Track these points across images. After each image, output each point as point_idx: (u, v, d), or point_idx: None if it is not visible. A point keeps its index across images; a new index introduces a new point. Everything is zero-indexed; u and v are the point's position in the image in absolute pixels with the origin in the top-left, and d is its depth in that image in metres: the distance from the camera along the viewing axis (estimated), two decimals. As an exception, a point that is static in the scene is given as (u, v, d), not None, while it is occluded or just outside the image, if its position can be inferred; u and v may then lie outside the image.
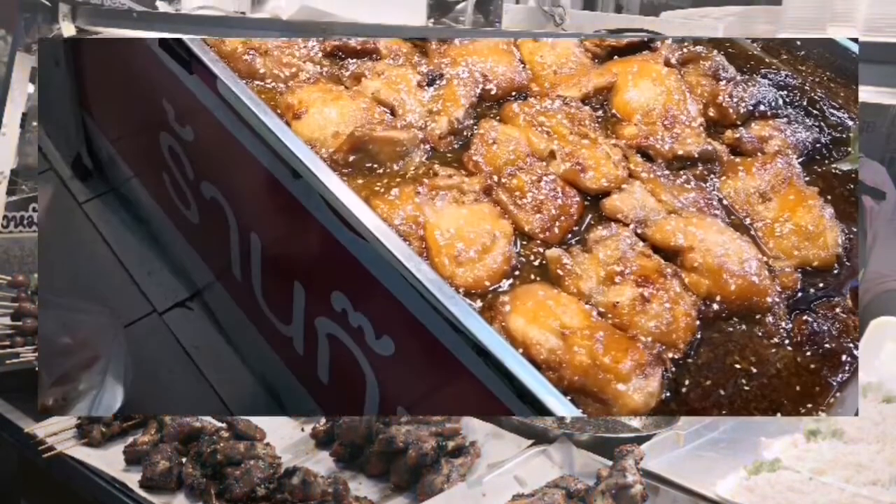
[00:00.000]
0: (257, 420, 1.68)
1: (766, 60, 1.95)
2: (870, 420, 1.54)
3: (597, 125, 1.71)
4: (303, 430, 1.75)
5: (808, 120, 1.79)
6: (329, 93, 1.68)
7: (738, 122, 1.75)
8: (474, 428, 1.65)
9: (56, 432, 1.71)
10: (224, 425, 1.67)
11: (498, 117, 1.71)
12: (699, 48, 1.89)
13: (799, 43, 1.95)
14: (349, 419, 1.62)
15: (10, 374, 1.92)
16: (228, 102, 1.66)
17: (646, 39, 1.89)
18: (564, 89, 1.78)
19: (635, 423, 1.70)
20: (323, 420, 1.71)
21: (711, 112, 1.76)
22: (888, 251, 2.11)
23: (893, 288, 2.06)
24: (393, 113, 1.68)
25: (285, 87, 1.72)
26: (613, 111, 1.77)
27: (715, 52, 1.89)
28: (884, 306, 1.91)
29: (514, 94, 1.78)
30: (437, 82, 1.73)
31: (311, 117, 1.63)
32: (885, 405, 1.58)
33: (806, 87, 1.88)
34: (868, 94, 1.48)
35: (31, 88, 2.48)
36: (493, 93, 1.76)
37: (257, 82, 1.73)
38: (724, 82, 1.80)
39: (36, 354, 1.90)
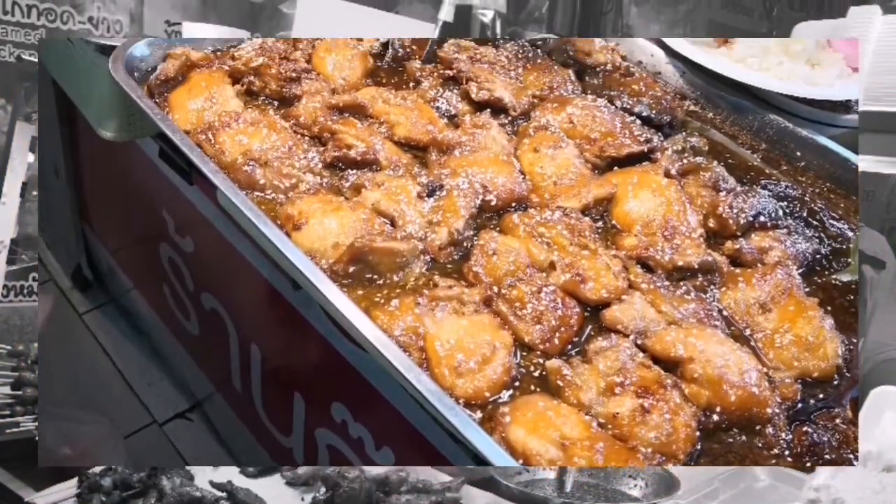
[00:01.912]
0: (257, 489, 1.79)
1: (766, 171, 2.16)
2: (870, 489, 1.66)
3: (597, 236, 1.89)
4: (302, 499, 1.86)
5: (808, 231, 1.97)
6: (329, 203, 1.85)
7: (738, 233, 1.93)
8: (474, 497, 1.76)
9: (56, 502, 1.83)
10: (224, 494, 1.79)
11: (498, 228, 1.89)
12: (699, 159, 2.10)
13: (799, 154, 2.17)
14: (349, 488, 1.73)
15: (9, 444, 2.05)
16: (228, 213, 1.85)
17: (645, 150, 2.10)
18: (564, 200, 1.97)
19: (635, 492, 1.83)
20: (323, 489, 1.83)
21: (711, 223, 1.95)
22: (888, 320, 2.25)
23: (893, 357, 2.20)
24: (393, 224, 1.85)
25: (285, 198, 1.89)
26: (613, 222, 1.95)
27: (715, 162, 2.09)
28: (884, 375, 2.05)
29: (514, 204, 1.96)
30: (437, 193, 1.91)
31: (311, 228, 1.80)
32: (885, 474, 1.70)
33: (806, 198, 2.07)
34: (868, 163, 1.65)
35: (31, 157, 2.67)
36: (493, 203, 1.94)
37: (257, 193, 1.90)
38: (724, 193, 1.99)
39: (36, 424, 2.03)
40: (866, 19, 2.65)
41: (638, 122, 2.19)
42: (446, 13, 3.18)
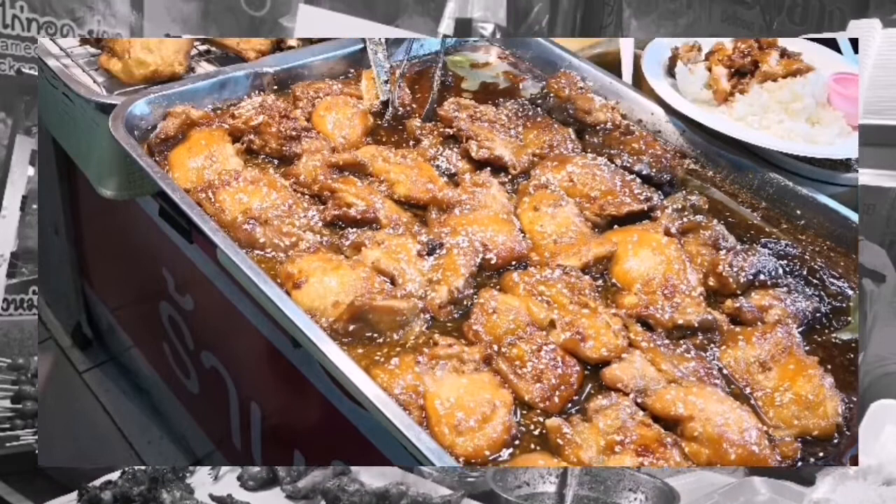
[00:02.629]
0: (257, 502, 1.83)
1: (767, 229, 2.24)
2: (870, 503, 1.71)
3: (597, 294, 1.97)
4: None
5: (808, 289, 2.05)
6: (329, 262, 1.93)
7: (738, 292, 2.00)
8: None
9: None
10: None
11: (498, 287, 1.97)
12: (699, 217, 2.18)
13: (799, 212, 2.26)
14: (349, 502, 1.78)
15: (9, 457, 2.10)
16: (228, 272, 1.93)
17: (645, 209, 2.19)
18: (564, 258, 2.05)
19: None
20: (323, 503, 1.87)
21: (711, 281, 2.02)
22: (888, 334, 2.32)
23: (893, 371, 2.26)
24: (393, 282, 1.93)
25: (285, 257, 1.97)
26: (613, 280, 2.03)
27: (715, 221, 2.18)
28: (884, 389, 2.11)
29: (514, 263, 2.04)
30: (438, 252, 2.00)
31: (311, 287, 1.87)
32: (885, 488, 1.75)
33: (806, 257, 2.16)
34: (868, 176, 1.72)
35: (31, 171, 2.76)
36: (493, 262, 2.02)
37: (257, 251, 1.98)
38: (724, 251, 2.07)
39: (36, 437, 2.09)
40: (866, 33, 2.76)
41: (638, 180, 2.28)
42: (446, 27, 3.30)
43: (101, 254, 2.71)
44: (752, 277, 2.02)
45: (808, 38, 2.63)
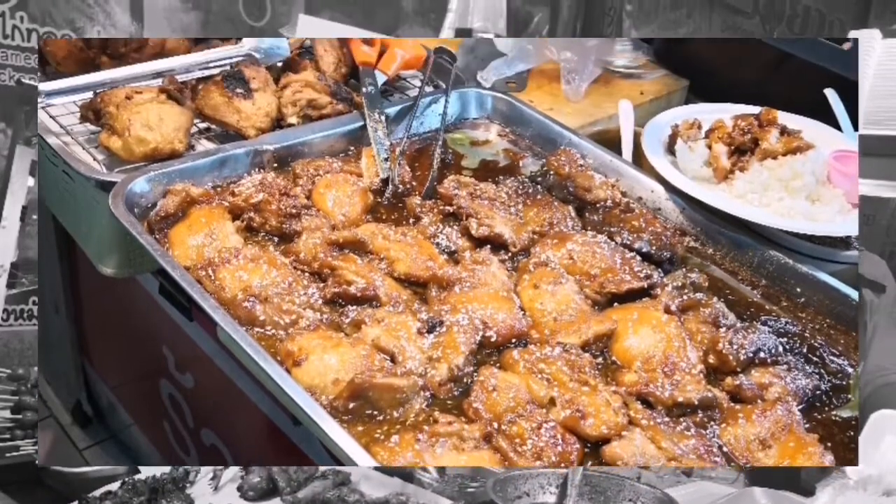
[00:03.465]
0: None
1: (767, 307, 2.35)
2: None
3: (597, 372, 2.06)
4: None
5: (808, 367, 2.14)
6: (329, 340, 2.02)
7: (739, 369, 2.09)
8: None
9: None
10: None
11: (498, 364, 2.07)
12: (699, 295, 2.29)
13: (799, 290, 2.37)
14: None
15: (9, 468, 2.16)
16: (229, 349, 2.02)
17: (645, 286, 2.30)
18: (564, 336, 2.15)
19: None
20: None
21: (711, 359, 2.12)
22: (888, 344, 2.39)
23: (893, 381, 2.33)
24: (393, 360, 2.03)
25: (285, 334, 2.06)
26: (613, 358, 2.13)
27: (715, 299, 2.28)
28: (884, 399, 2.18)
29: (514, 340, 2.13)
30: (438, 329, 2.09)
31: (311, 364, 1.96)
32: (886, 498, 1.82)
33: (806, 335, 2.25)
34: (868, 187, 1.80)
35: (31, 181, 2.86)
36: (493, 340, 2.12)
37: (257, 329, 2.07)
38: (724, 329, 2.18)
39: (36, 448, 2.15)
40: (866, 43, 2.88)
41: (638, 258, 2.39)
42: (446, 37, 3.42)
43: (102, 331, 2.81)
44: (752, 355, 2.11)
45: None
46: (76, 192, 2.53)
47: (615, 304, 2.28)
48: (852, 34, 2.90)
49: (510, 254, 2.43)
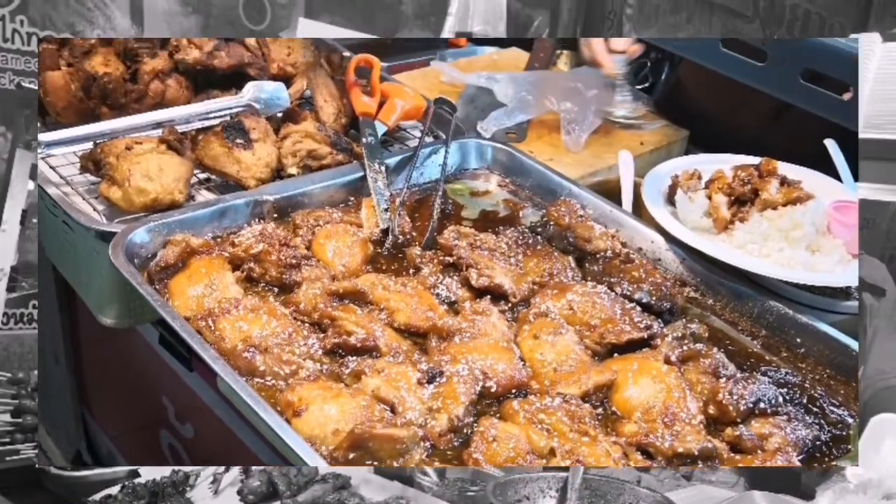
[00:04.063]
0: None
1: (766, 358, 2.41)
2: None
3: (597, 423, 2.12)
4: None
5: (808, 417, 2.20)
6: (329, 390, 2.08)
7: (738, 420, 2.15)
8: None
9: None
10: None
11: (498, 415, 2.13)
12: (699, 345, 2.36)
13: (799, 340, 2.43)
14: None
15: (10, 471, 2.21)
16: (229, 399, 2.08)
17: (645, 337, 2.37)
18: (564, 386, 2.21)
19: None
20: None
21: (711, 409, 2.18)
22: (888, 348, 2.43)
23: (893, 385, 2.37)
24: (393, 410, 2.08)
25: (285, 385, 2.12)
26: (613, 408, 2.19)
27: (715, 349, 2.34)
28: (884, 403, 2.22)
29: (514, 391, 2.20)
30: (438, 380, 2.15)
31: (312, 415, 2.02)
32: (886, 502, 1.85)
33: (806, 385, 2.32)
34: (868, 190, 1.85)
35: (31, 185, 2.92)
36: (493, 390, 2.18)
37: (257, 379, 2.13)
38: (724, 380, 2.24)
39: (36, 451, 2.20)
40: (866, 47, 2.95)
41: (638, 308, 2.46)
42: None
43: (102, 382, 2.87)
44: (752, 405, 2.17)
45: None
46: (76, 243, 2.60)
47: (615, 354, 2.34)
48: (852, 38, 2.97)
49: (510, 304, 2.49)
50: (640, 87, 3.67)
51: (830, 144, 3.08)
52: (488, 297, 2.47)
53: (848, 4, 5.57)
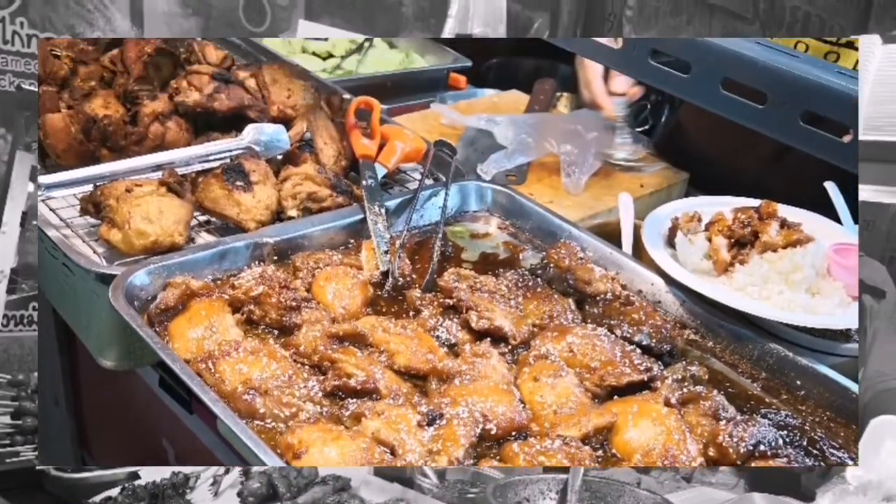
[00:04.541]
0: None
1: (767, 400, 2.45)
2: None
3: (597, 465, 2.17)
4: None
5: (808, 460, 2.24)
6: (329, 433, 2.11)
7: (739, 462, 2.19)
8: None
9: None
10: None
11: (498, 457, 2.16)
12: (699, 388, 2.41)
13: (799, 383, 2.48)
14: None
15: (10, 473, 2.23)
16: (229, 442, 2.12)
17: (645, 379, 2.42)
18: (564, 429, 2.26)
19: None
20: None
21: (712, 452, 2.21)
22: (888, 350, 2.46)
23: (893, 387, 2.40)
24: (393, 452, 2.12)
25: (285, 427, 2.16)
26: (614, 451, 2.23)
27: (715, 391, 2.39)
28: (884, 404, 2.25)
29: (514, 433, 2.23)
30: (438, 422, 2.19)
31: (312, 457, 2.05)
32: None
33: (806, 427, 2.36)
34: (868, 192, 1.89)
35: (31, 187, 2.96)
36: (493, 432, 2.22)
37: (257, 422, 2.17)
38: (724, 422, 2.28)
39: (36, 453, 2.23)
40: (866, 49, 3.00)
41: (638, 351, 2.51)
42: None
43: (102, 424, 2.92)
44: (752, 448, 2.21)
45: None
46: (76, 285, 2.65)
47: (615, 396, 2.38)
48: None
49: (510, 346, 2.54)
50: (640, 129, 3.74)
51: (830, 187, 3.14)
52: (488, 339, 2.52)
53: (848, 6, 5.64)
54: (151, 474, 2.35)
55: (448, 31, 4.14)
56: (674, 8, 5.29)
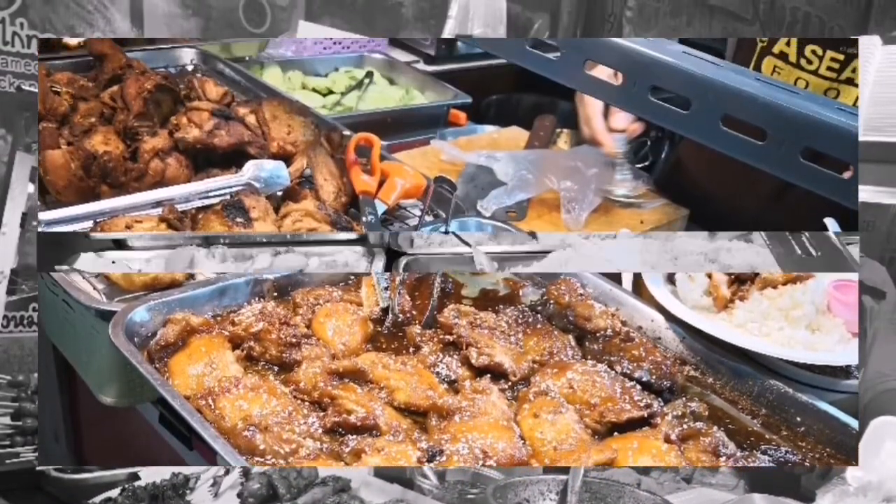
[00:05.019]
0: None
1: (766, 436, 2.49)
2: None
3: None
4: None
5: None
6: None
7: (739, 499, 2.26)
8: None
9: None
10: None
11: (498, 493, 2.23)
12: (699, 424, 2.45)
13: (799, 419, 2.53)
14: None
15: (10, 474, 2.26)
16: (229, 478, 2.18)
17: (645, 416, 2.46)
18: (564, 465, 2.31)
19: None
20: None
21: (711, 488, 2.29)
22: (888, 350, 2.48)
23: (893, 387, 2.42)
24: (393, 489, 2.19)
25: (285, 464, 2.21)
26: (614, 487, 2.30)
27: (715, 428, 2.43)
28: (884, 405, 2.27)
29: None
30: (438, 458, 2.22)
31: (312, 493, 2.14)
32: None
33: (806, 463, 2.41)
34: (868, 193, 1.92)
35: (31, 188, 2.99)
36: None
37: (257, 458, 2.21)
38: (723, 458, 2.32)
39: (36, 454, 2.26)
40: (866, 49, 3.04)
41: (638, 387, 2.55)
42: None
43: (101, 460, 2.96)
44: (752, 484, 2.27)
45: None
46: (76, 322, 2.69)
47: (615, 433, 2.42)
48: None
49: (510, 383, 2.58)
50: (640, 165, 3.78)
51: (830, 223, 3.18)
52: (488, 375, 2.56)
53: (848, 7, 5.71)
54: (151, 475, 2.39)
55: (448, 32, 4.20)
56: (674, 8, 5.36)
